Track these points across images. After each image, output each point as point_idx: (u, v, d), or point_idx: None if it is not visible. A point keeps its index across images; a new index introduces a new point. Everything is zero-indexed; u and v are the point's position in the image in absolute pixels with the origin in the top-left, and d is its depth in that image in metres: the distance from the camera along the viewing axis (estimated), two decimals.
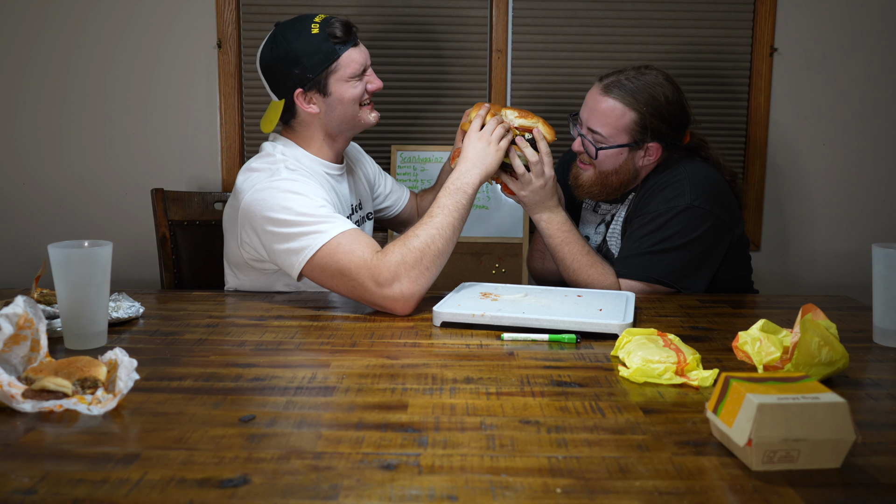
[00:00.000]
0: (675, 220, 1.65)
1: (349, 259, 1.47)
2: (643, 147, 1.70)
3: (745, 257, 1.84)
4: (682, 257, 1.66)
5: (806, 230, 2.56)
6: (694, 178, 1.68)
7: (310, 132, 1.70)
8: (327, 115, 1.67)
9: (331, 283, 1.51)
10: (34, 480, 0.79)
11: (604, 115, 1.67)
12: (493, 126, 1.62)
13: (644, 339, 1.18)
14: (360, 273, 1.46)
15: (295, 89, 1.63)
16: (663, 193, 1.68)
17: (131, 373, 1.01)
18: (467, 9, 2.44)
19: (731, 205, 1.72)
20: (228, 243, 1.70)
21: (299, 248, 1.50)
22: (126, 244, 2.42)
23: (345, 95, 1.65)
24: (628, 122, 1.67)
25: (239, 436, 0.90)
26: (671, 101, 1.69)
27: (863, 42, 2.47)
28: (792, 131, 2.51)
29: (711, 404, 0.89)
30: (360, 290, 1.48)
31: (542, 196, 1.67)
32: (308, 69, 1.62)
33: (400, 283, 1.45)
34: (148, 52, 2.42)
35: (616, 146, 1.68)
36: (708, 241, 1.67)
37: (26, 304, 1.05)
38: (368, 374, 1.13)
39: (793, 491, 0.78)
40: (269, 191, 1.55)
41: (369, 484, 0.79)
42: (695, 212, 1.65)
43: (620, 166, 1.71)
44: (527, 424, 0.94)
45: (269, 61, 1.65)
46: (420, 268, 1.47)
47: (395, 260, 1.46)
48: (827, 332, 1.10)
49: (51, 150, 2.46)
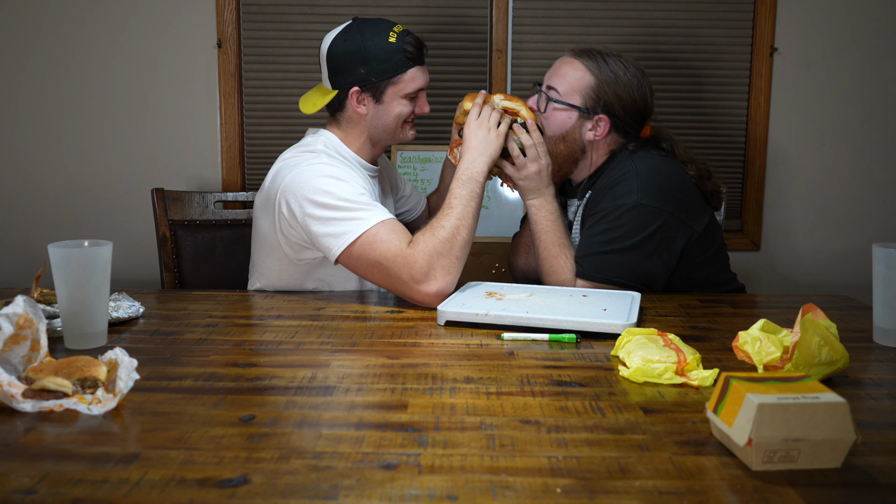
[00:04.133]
0: (623, 218, 1.62)
1: (386, 249, 1.51)
2: (593, 118, 1.69)
3: (719, 255, 1.78)
4: (634, 257, 1.62)
5: (806, 230, 2.56)
6: (642, 174, 1.64)
7: (356, 131, 1.72)
8: (373, 120, 1.69)
9: (365, 271, 1.55)
10: (34, 480, 0.79)
11: (564, 73, 1.70)
12: (489, 113, 1.66)
13: (644, 338, 1.18)
14: (396, 265, 1.51)
15: (353, 86, 1.66)
16: (612, 191, 1.65)
17: (131, 372, 1.01)
18: (467, 9, 2.44)
19: (688, 200, 1.67)
20: (262, 228, 1.69)
21: (339, 233, 1.53)
22: (126, 244, 2.42)
23: (393, 110, 1.68)
24: (584, 85, 1.68)
25: (239, 436, 0.90)
26: (632, 85, 1.69)
27: (863, 42, 2.47)
28: (792, 131, 2.51)
29: (711, 404, 0.89)
30: (395, 282, 1.53)
31: (538, 182, 1.69)
32: (374, 73, 1.64)
33: (435, 276, 1.51)
34: (148, 51, 2.42)
35: (567, 104, 1.69)
36: (660, 239, 1.63)
37: (26, 303, 1.05)
38: (368, 374, 1.13)
39: (793, 491, 0.78)
40: (310, 173, 1.58)
41: (369, 484, 0.79)
42: (643, 210, 1.61)
43: (567, 132, 1.70)
44: (527, 424, 0.94)
45: (339, 51, 1.66)
46: (451, 257, 1.53)
47: (427, 251, 1.51)
48: (827, 331, 1.10)
49: (51, 150, 2.46)
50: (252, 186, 2.49)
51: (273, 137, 2.47)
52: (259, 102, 2.47)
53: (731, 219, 2.56)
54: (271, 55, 2.44)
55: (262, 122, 2.48)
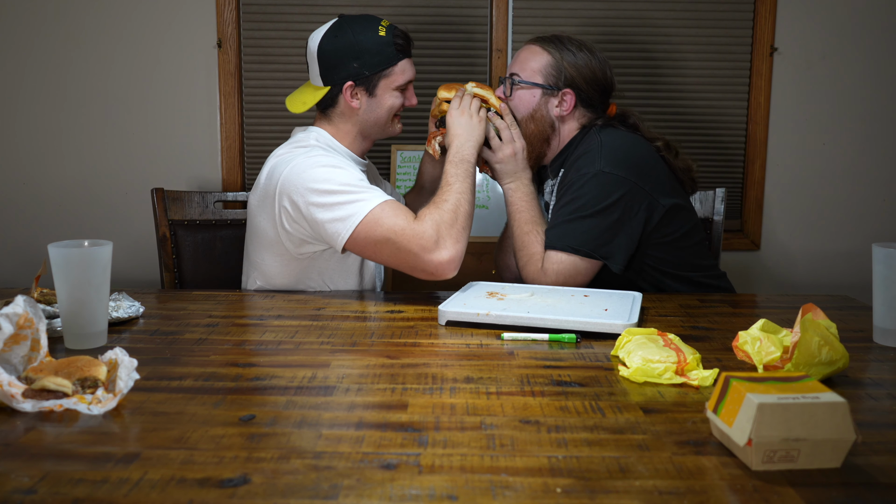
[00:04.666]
0: (587, 186, 1.64)
1: (393, 224, 1.53)
2: (557, 94, 1.74)
3: (691, 238, 1.75)
4: (597, 224, 1.63)
5: (806, 230, 2.56)
6: (606, 146, 1.68)
7: (346, 126, 1.74)
8: (365, 113, 1.72)
9: (374, 250, 1.56)
10: (34, 480, 0.79)
11: (524, 59, 1.76)
12: (469, 101, 1.71)
13: (644, 338, 1.18)
14: (404, 238, 1.52)
15: (346, 81, 1.68)
16: (577, 164, 1.69)
17: (131, 372, 1.01)
18: (467, 9, 2.44)
19: (654, 174, 1.69)
20: (260, 225, 1.69)
21: (344, 216, 1.55)
22: (126, 244, 2.42)
23: (386, 103, 1.72)
24: (543, 63, 1.74)
25: (239, 435, 0.90)
26: (590, 59, 1.75)
27: (863, 42, 2.47)
28: (792, 131, 2.51)
29: (711, 404, 0.89)
30: (406, 254, 1.53)
31: (514, 165, 1.73)
32: (367, 66, 1.68)
33: (445, 244, 1.52)
34: (148, 51, 2.42)
35: (529, 83, 1.74)
36: (623, 208, 1.64)
37: (26, 303, 1.05)
38: (368, 374, 1.13)
39: (793, 491, 0.78)
40: (308, 165, 1.60)
41: (369, 484, 0.79)
42: (606, 178, 1.64)
43: (535, 111, 1.74)
44: (527, 424, 0.94)
45: (330, 47, 1.69)
46: (457, 227, 1.55)
47: (434, 222, 1.53)
48: (827, 331, 1.10)
49: (51, 150, 2.46)
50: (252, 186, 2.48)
51: (273, 137, 2.47)
52: (259, 102, 2.47)
53: (731, 219, 2.56)
54: (271, 55, 2.44)
55: (262, 122, 2.48)
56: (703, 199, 2.16)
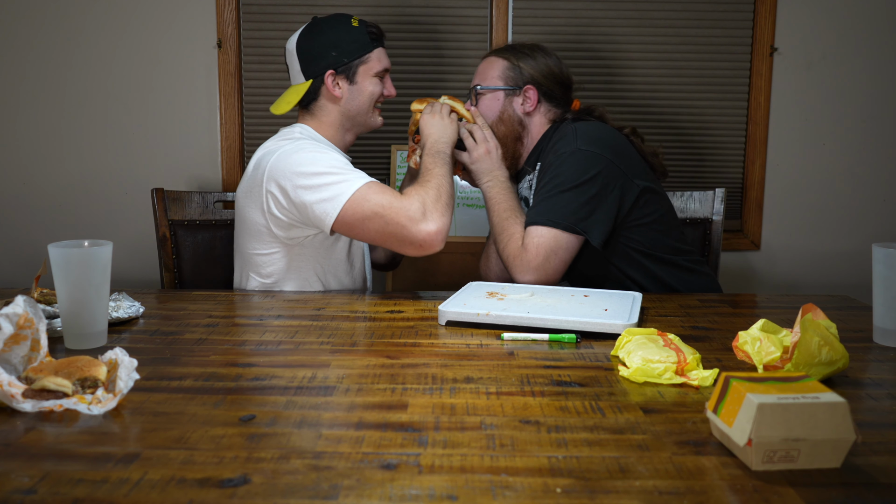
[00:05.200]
0: (565, 164, 1.70)
1: (381, 200, 1.58)
2: (520, 93, 1.82)
3: (666, 221, 1.79)
4: (574, 198, 1.66)
5: (806, 230, 2.56)
6: (581, 129, 1.75)
7: (329, 118, 1.80)
8: (348, 102, 1.79)
9: (363, 227, 1.60)
10: (34, 480, 0.79)
11: (482, 70, 1.86)
12: (440, 107, 1.80)
13: (644, 338, 1.18)
14: (392, 212, 1.57)
15: (327, 70, 1.76)
16: (554, 149, 1.76)
17: (131, 372, 1.01)
18: (467, 9, 2.44)
19: (628, 155, 1.75)
20: (249, 215, 1.72)
21: (332, 196, 1.59)
22: (126, 244, 2.42)
23: (366, 89, 1.79)
24: (501, 68, 1.83)
25: (239, 436, 0.90)
26: (545, 57, 1.84)
27: (863, 42, 2.47)
28: (792, 131, 2.51)
29: (711, 404, 0.89)
30: (394, 227, 1.57)
31: (489, 164, 1.79)
32: (345, 53, 1.76)
33: (432, 216, 1.57)
34: (148, 51, 2.42)
35: (491, 88, 1.82)
36: (601, 184, 1.68)
37: (26, 303, 1.05)
38: (368, 374, 1.13)
39: (793, 491, 0.78)
40: (294, 152, 1.66)
41: (369, 484, 0.79)
42: (581, 154, 1.69)
43: (502, 112, 1.83)
44: (527, 424, 0.94)
45: (307, 42, 1.77)
46: (441, 204, 1.60)
47: (420, 197, 1.59)
48: (827, 331, 1.10)
49: (51, 150, 2.46)
50: None
51: None
52: (259, 102, 2.46)
53: (731, 219, 2.56)
54: (271, 55, 2.44)
55: (261, 123, 2.48)
56: (702, 199, 2.16)
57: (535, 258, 1.65)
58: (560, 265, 1.66)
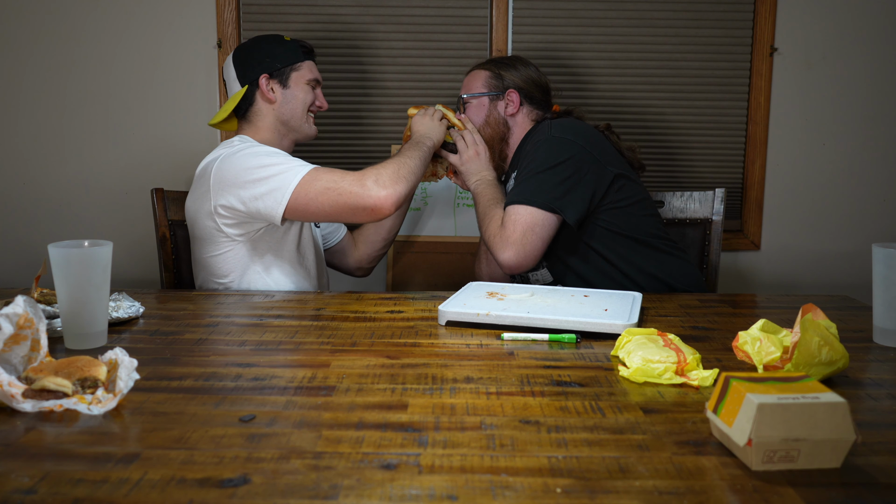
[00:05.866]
0: (540, 150, 1.79)
1: (330, 177, 1.65)
2: (503, 97, 1.94)
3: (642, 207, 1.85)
4: (549, 179, 1.74)
5: (806, 230, 2.56)
6: (556, 122, 1.86)
7: (265, 122, 1.87)
8: (282, 106, 1.86)
9: (316, 203, 1.65)
10: (34, 480, 0.79)
11: (467, 82, 1.99)
12: (432, 111, 1.93)
13: (644, 338, 1.18)
14: (342, 183, 1.64)
15: (262, 73, 1.84)
16: (534, 138, 1.86)
17: (131, 372, 1.01)
18: (467, 9, 2.44)
19: (601, 145, 1.82)
20: (199, 222, 1.77)
21: (280, 185, 1.65)
22: (126, 244, 2.42)
23: (299, 94, 1.87)
24: (484, 78, 1.96)
25: (239, 436, 0.90)
26: (523, 65, 1.97)
27: (863, 42, 2.47)
28: (792, 131, 2.51)
29: (711, 404, 0.89)
30: (346, 196, 1.63)
31: (478, 164, 1.90)
32: (278, 59, 1.85)
33: (384, 183, 1.64)
34: (148, 52, 2.42)
35: (476, 94, 1.94)
36: (574, 166, 1.75)
37: (26, 303, 1.05)
38: (368, 374, 1.13)
39: (793, 491, 0.78)
40: (236, 155, 1.71)
41: (369, 484, 0.79)
42: (555, 140, 1.78)
43: (488, 116, 1.94)
44: (527, 424, 0.94)
45: (243, 52, 1.87)
46: (397, 175, 1.67)
47: (373, 169, 1.67)
48: (827, 331, 1.10)
49: (51, 150, 2.46)
50: None
51: None
52: None
53: (731, 219, 2.56)
54: None
55: None
56: (702, 199, 2.16)
57: (512, 234, 1.70)
58: (538, 242, 1.71)
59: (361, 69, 2.44)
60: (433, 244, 2.39)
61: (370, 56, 2.44)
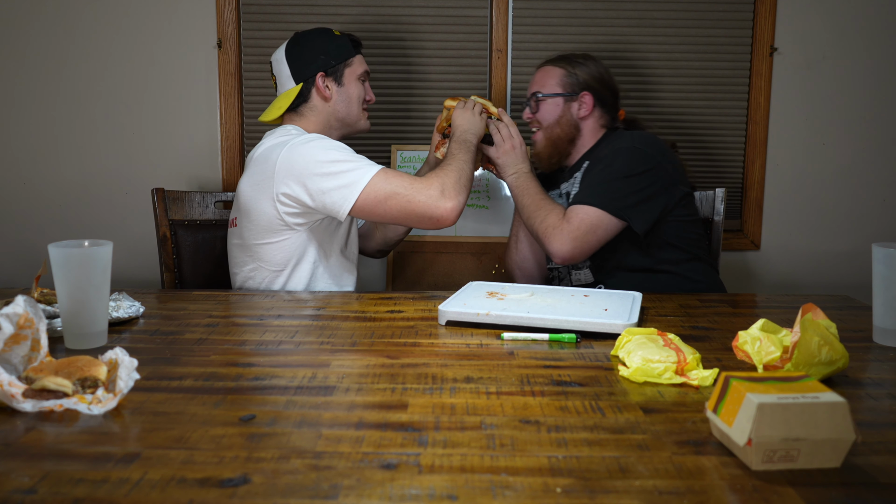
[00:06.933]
0: (619, 157, 1.84)
1: (399, 182, 1.68)
2: (577, 98, 1.95)
3: (698, 227, 1.94)
4: (624, 187, 1.80)
5: (806, 230, 2.56)
6: (637, 132, 1.92)
7: (318, 118, 1.88)
8: (336, 104, 1.87)
9: (382, 207, 1.68)
10: (34, 480, 0.79)
11: (540, 77, 1.99)
12: (472, 103, 1.94)
13: (644, 338, 1.18)
14: (411, 190, 1.67)
15: (318, 71, 1.84)
16: (611, 143, 1.91)
17: (132, 372, 1.01)
18: (467, 9, 2.44)
19: (675, 162, 1.89)
20: (256, 207, 1.75)
21: (351, 182, 1.67)
22: (126, 244, 2.42)
23: (353, 91, 1.88)
24: (559, 76, 1.96)
25: (239, 435, 0.90)
26: (597, 65, 1.98)
27: (863, 42, 2.47)
28: (792, 131, 2.51)
29: (711, 404, 0.89)
30: (416, 204, 1.67)
31: (514, 158, 1.92)
32: (333, 56, 1.86)
33: (450, 194, 1.68)
34: (148, 51, 2.42)
35: (551, 94, 1.95)
36: (649, 180, 1.81)
37: (26, 303, 1.05)
38: (368, 374, 1.13)
39: (793, 491, 0.78)
40: (305, 145, 1.71)
41: (369, 483, 0.79)
42: (638, 152, 1.84)
43: (560, 117, 1.95)
44: (527, 424, 0.94)
45: (296, 48, 1.86)
46: (459, 185, 1.70)
47: (439, 177, 1.70)
48: (827, 331, 1.10)
49: (51, 150, 2.46)
50: None
51: None
52: (259, 102, 2.46)
53: (731, 219, 2.56)
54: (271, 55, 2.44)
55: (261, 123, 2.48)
56: (702, 199, 2.16)
57: (576, 230, 1.76)
58: (596, 243, 1.79)
59: None
60: (433, 244, 2.39)
61: (370, 56, 2.44)
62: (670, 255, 1.87)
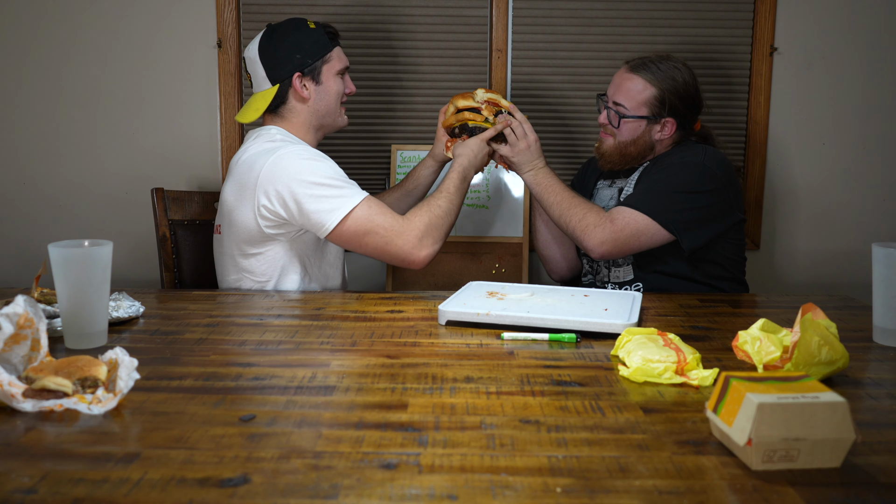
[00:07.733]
0: (686, 170, 1.79)
1: (381, 220, 1.65)
2: (660, 122, 1.87)
3: (739, 254, 1.93)
4: (681, 202, 1.76)
5: (806, 230, 2.56)
6: (710, 149, 1.86)
7: (299, 119, 1.83)
8: (316, 103, 1.81)
9: (359, 241, 1.66)
10: (34, 480, 0.79)
11: (627, 90, 1.87)
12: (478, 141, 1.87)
13: (644, 338, 1.18)
14: (390, 233, 1.65)
15: (294, 72, 1.78)
16: (681, 154, 1.85)
17: (132, 372, 1.01)
18: (467, 9, 2.44)
19: (738, 188, 1.85)
20: (239, 218, 1.73)
21: (331, 208, 1.64)
22: (126, 244, 2.42)
23: (332, 88, 1.82)
24: (648, 96, 1.85)
25: (239, 435, 0.90)
26: (688, 84, 1.89)
27: (863, 42, 2.47)
28: (792, 131, 2.51)
29: (711, 404, 0.89)
30: (391, 246, 1.66)
31: (529, 156, 1.87)
32: (308, 55, 1.79)
33: (427, 243, 1.67)
34: (148, 51, 2.42)
35: (636, 116, 1.86)
36: (710, 201, 1.78)
37: (26, 303, 1.05)
38: (368, 374, 1.13)
39: (793, 490, 0.78)
40: (290, 158, 1.67)
41: (369, 483, 0.79)
42: (706, 170, 1.79)
43: (638, 137, 1.88)
44: (527, 424, 0.94)
45: (269, 48, 1.79)
46: (441, 231, 1.70)
47: (423, 222, 1.67)
48: (827, 331, 1.10)
49: (51, 150, 2.46)
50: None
51: None
52: None
53: None
54: None
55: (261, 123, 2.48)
56: None
57: (620, 231, 1.75)
58: (637, 247, 1.78)
59: (361, 69, 2.44)
60: None
61: (370, 56, 2.44)
62: (713, 271, 1.86)
